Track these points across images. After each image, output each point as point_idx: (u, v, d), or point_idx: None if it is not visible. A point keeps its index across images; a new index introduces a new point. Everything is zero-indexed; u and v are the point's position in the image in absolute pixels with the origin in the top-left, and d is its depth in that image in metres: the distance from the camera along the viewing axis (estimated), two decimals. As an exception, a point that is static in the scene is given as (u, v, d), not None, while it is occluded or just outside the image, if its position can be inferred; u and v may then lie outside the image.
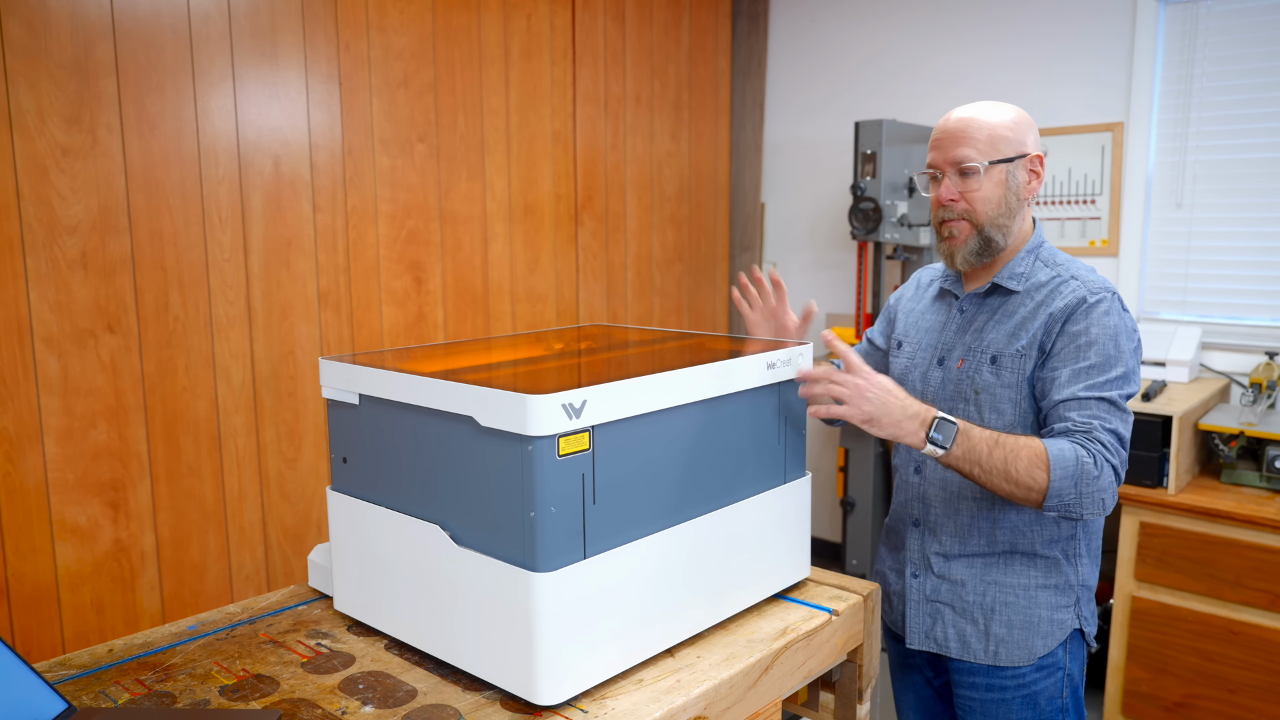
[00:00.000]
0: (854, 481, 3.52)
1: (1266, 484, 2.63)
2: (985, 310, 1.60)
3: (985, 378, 1.55)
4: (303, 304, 2.67)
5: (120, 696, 1.19)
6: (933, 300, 1.72)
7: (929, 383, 1.64)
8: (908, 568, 1.66)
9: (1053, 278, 1.55)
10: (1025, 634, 1.56)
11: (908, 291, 1.81)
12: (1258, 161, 3.05)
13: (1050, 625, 1.56)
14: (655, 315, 3.88)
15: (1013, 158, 1.54)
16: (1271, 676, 2.47)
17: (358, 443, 1.35)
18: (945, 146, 1.55)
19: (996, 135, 1.53)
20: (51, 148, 2.17)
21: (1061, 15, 3.39)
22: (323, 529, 2.75)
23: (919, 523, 1.65)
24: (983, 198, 1.54)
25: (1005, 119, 1.54)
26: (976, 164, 1.52)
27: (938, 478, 1.61)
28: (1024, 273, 1.57)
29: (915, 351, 1.69)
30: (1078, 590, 1.58)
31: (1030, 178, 1.56)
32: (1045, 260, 1.59)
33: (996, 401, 1.54)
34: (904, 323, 1.76)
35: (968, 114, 1.56)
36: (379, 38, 2.78)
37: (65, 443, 2.23)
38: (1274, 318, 3.06)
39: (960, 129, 1.55)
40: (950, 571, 1.61)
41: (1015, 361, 1.53)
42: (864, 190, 3.36)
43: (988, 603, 1.57)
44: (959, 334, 1.62)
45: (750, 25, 4.11)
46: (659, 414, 1.23)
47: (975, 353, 1.58)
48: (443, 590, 1.23)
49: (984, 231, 1.55)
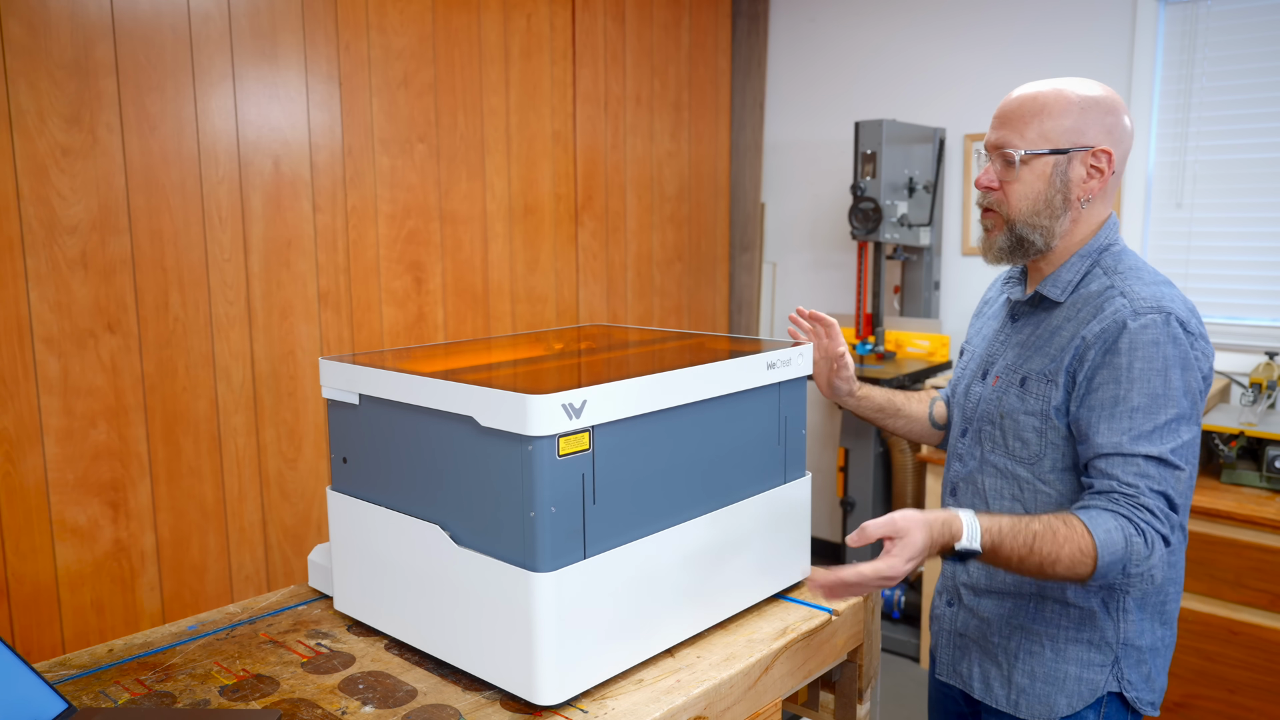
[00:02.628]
0: (854, 481, 3.52)
1: (1266, 484, 2.63)
2: (1031, 322, 1.43)
3: (1011, 401, 1.40)
4: (303, 304, 2.67)
5: (120, 696, 1.19)
6: (1001, 303, 1.54)
7: (969, 399, 1.50)
8: (944, 594, 1.55)
9: (1104, 290, 1.33)
10: (1047, 688, 1.40)
11: (991, 292, 1.64)
12: (1258, 161, 3.05)
13: (1078, 684, 1.38)
14: (655, 315, 3.88)
15: (1066, 149, 1.33)
16: (1271, 676, 2.47)
17: (358, 443, 1.35)
18: (995, 125, 1.38)
19: (1051, 121, 1.33)
20: (51, 148, 2.17)
21: (1061, 15, 3.39)
22: (323, 529, 2.75)
23: None
24: (1017, 191, 1.36)
25: (1072, 101, 1.33)
26: (1014, 153, 1.35)
27: (969, 503, 1.48)
28: (1072, 281, 1.37)
29: (969, 361, 1.55)
30: (1118, 649, 1.37)
31: (1090, 174, 1.35)
32: (1106, 268, 1.36)
33: (1020, 429, 1.38)
34: (974, 326, 1.61)
35: (1030, 91, 1.36)
36: (379, 38, 2.78)
37: (65, 443, 2.23)
38: (1274, 318, 3.05)
39: (1014, 108, 1.36)
40: (979, 607, 1.47)
41: (1041, 387, 1.36)
42: (864, 190, 3.36)
43: (1012, 648, 1.43)
44: (1004, 345, 1.46)
45: (750, 25, 4.11)
46: (659, 414, 1.23)
47: (1009, 371, 1.42)
48: (443, 590, 1.23)
49: (1015, 229, 1.38)
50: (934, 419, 1.72)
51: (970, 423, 1.49)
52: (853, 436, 3.51)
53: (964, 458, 1.50)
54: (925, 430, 1.73)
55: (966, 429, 1.51)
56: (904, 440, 3.42)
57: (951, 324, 3.73)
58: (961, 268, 3.71)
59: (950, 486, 1.53)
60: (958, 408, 1.54)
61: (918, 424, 1.72)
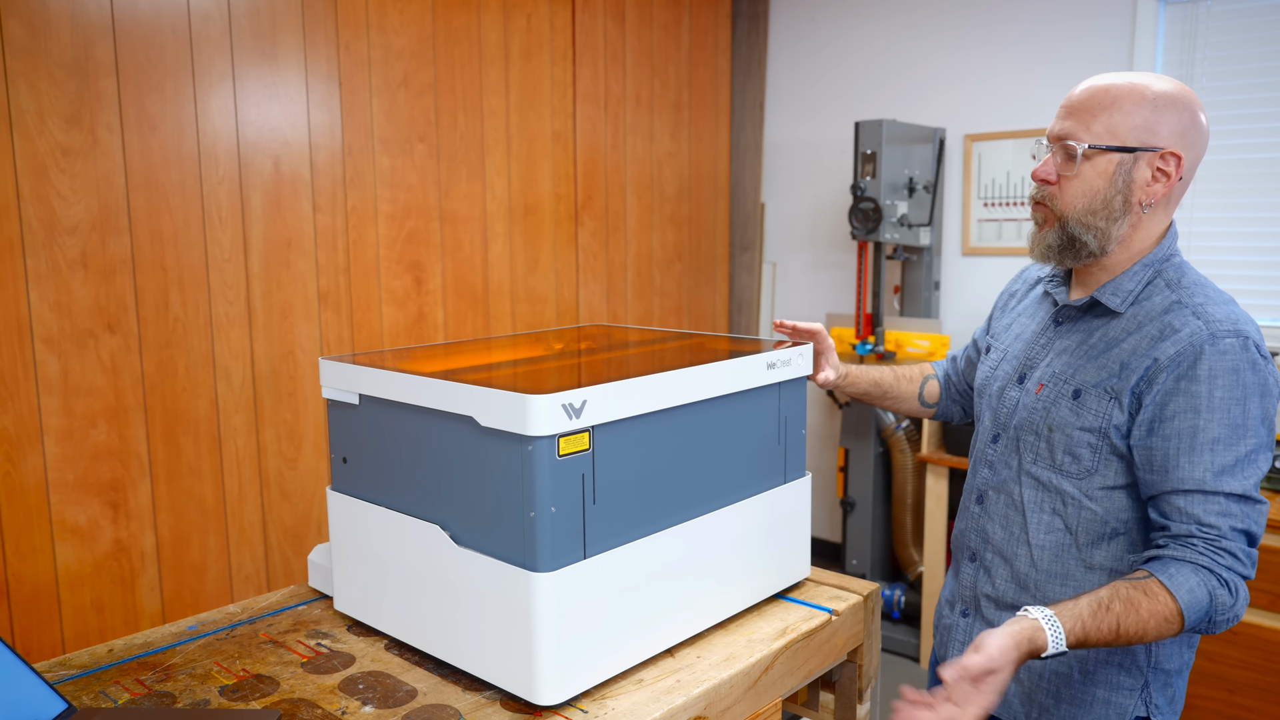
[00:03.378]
0: (854, 481, 3.52)
1: (1267, 484, 2.63)
2: (1081, 329, 1.35)
3: (1062, 414, 1.31)
4: (303, 304, 2.67)
5: (120, 696, 1.19)
6: (1036, 301, 1.46)
7: (1004, 403, 1.42)
8: (959, 604, 1.49)
9: (1171, 305, 1.26)
10: (1073, 710, 1.34)
11: (1018, 285, 1.56)
12: (1258, 161, 3.05)
13: (1106, 708, 1.33)
14: (655, 315, 3.88)
15: (1133, 148, 1.25)
16: (1271, 676, 2.47)
17: (358, 443, 1.35)
18: (1061, 115, 1.30)
19: (1121, 116, 1.24)
20: (51, 148, 2.17)
21: (1061, 15, 3.39)
22: (323, 529, 2.75)
23: (975, 557, 1.46)
24: (1074, 187, 1.28)
25: (1147, 98, 1.25)
26: (1076, 145, 1.26)
27: (1000, 514, 1.41)
28: (1134, 290, 1.29)
29: (1000, 361, 1.46)
30: (1148, 673, 1.32)
31: (1156, 177, 1.26)
32: (1169, 280, 1.29)
33: (1072, 445, 1.30)
34: (1000, 321, 1.53)
35: (1103, 83, 1.27)
36: (379, 38, 2.78)
37: (65, 443, 2.23)
38: (1274, 318, 3.05)
39: (1084, 99, 1.28)
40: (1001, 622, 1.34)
41: (1101, 403, 1.27)
42: (864, 190, 3.36)
43: (1037, 666, 1.37)
44: (1045, 350, 1.38)
45: (750, 25, 4.11)
46: (659, 414, 1.23)
47: (1058, 380, 1.33)
48: (443, 590, 1.23)
49: (1068, 227, 1.29)
50: (924, 399, 1.70)
51: (1005, 429, 1.41)
52: (853, 436, 3.51)
53: (995, 465, 1.43)
54: (914, 409, 1.72)
55: (999, 434, 1.43)
56: (904, 440, 3.42)
57: (952, 324, 3.73)
58: (961, 268, 3.71)
59: (976, 494, 1.46)
60: (988, 410, 1.46)
61: (906, 403, 1.71)
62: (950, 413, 1.74)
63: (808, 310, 4.10)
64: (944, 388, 1.72)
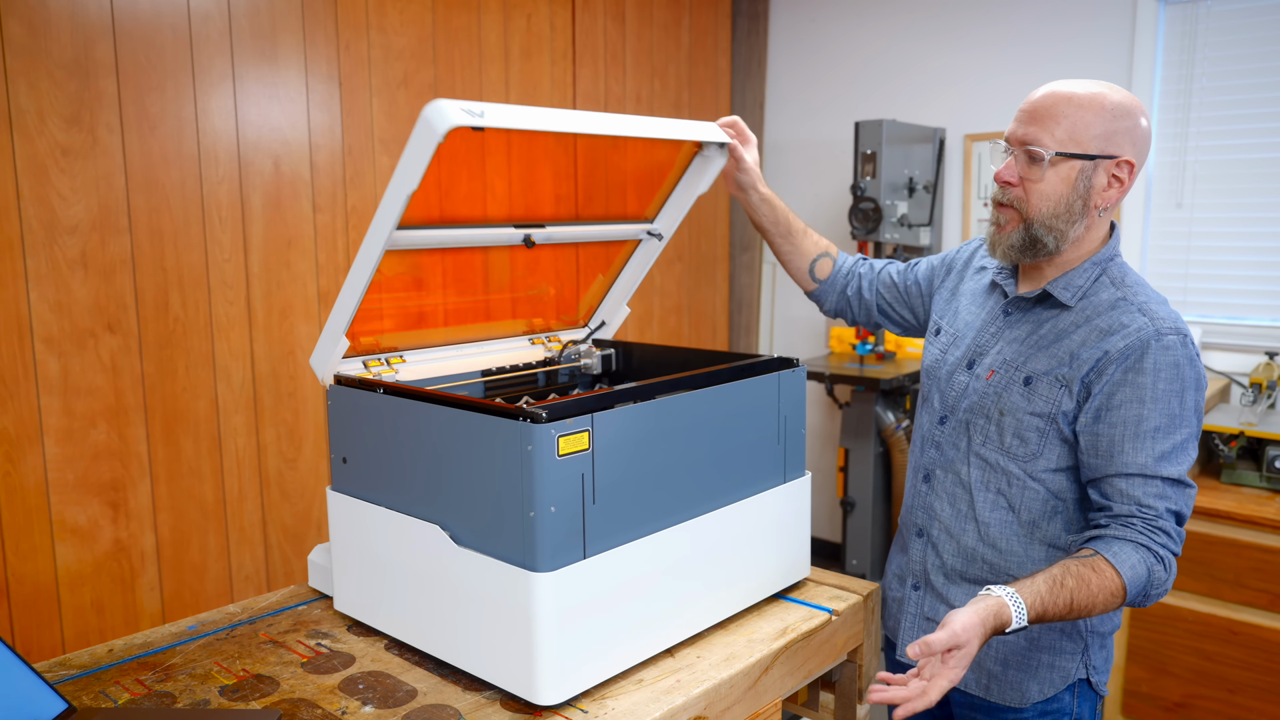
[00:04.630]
0: (854, 481, 3.52)
1: (1266, 484, 2.63)
2: (1031, 320, 1.42)
3: (1014, 399, 1.38)
4: (303, 304, 2.67)
5: (120, 696, 1.19)
6: (984, 290, 1.53)
7: (953, 387, 1.48)
8: (909, 578, 1.55)
9: (1117, 302, 1.35)
10: (1020, 675, 1.42)
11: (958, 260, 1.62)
12: (1258, 161, 3.05)
13: (1050, 671, 1.42)
14: (655, 315, 3.87)
15: (1094, 156, 1.31)
16: (1271, 676, 2.47)
17: (358, 443, 1.35)
18: (1022, 120, 1.35)
19: (1083, 124, 1.31)
20: (51, 148, 2.17)
21: (1061, 15, 3.39)
22: (323, 529, 2.75)
23: (923, 533, 1.52)
24: (1041, 191, 1.33)
25: (1105, 107, 1.31)
26: (1043, 152, 1.32)
27: (947, 491, 1.48)
28: (1083, 286, 1.38)
29: (949, 345, 1.52)
30: (1087, 636, 1.42)
31: (1111, 183, 1.34)
32: (1113, 278, 1.38)
33: (1021, 428, 1.38)
34: (948, 303, 1.58)
35: (1063, 90, 1.33)
36: (379, 38, 2.78)
37: (65, 443, 2.23)
38: (1274, 318, 3.05)
39: (1045, 106, 1.33)
40: (950, 595, 1.47)
41: (1052, 390, 1.35)
42: (864, 190, 3.36)
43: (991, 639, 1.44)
44: (996, 338, 1.45)
45: (750, 25, 4.11)
46: (659, 414, 1.23)
47: (1010, 367, 1.40)
48: (443, 590, 1.23)
49: (1032, 229, 1.35)
50: (813, 273, 1.72)
51: (953, 412, 1.47)
52: (853, 436, 3.51)
53: (943, 446, 1.48)
54: (800, 275, 1.73)
55: (947, 416, 1.48)
56: (904, 440, 3.42)
57: (951, 324, 3.72)
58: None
59: (924, 472, 1.52)
60: (937, 392, 1.51)
61: (797, 260, 1.71)
62: (828, 301, 1.74)
63: (808, 310, 4.10)
64: (842, 279, 1.71)
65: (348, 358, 1.41)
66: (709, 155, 1.59)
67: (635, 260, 1.72)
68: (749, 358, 1.45)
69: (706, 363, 1.47)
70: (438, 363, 1.53)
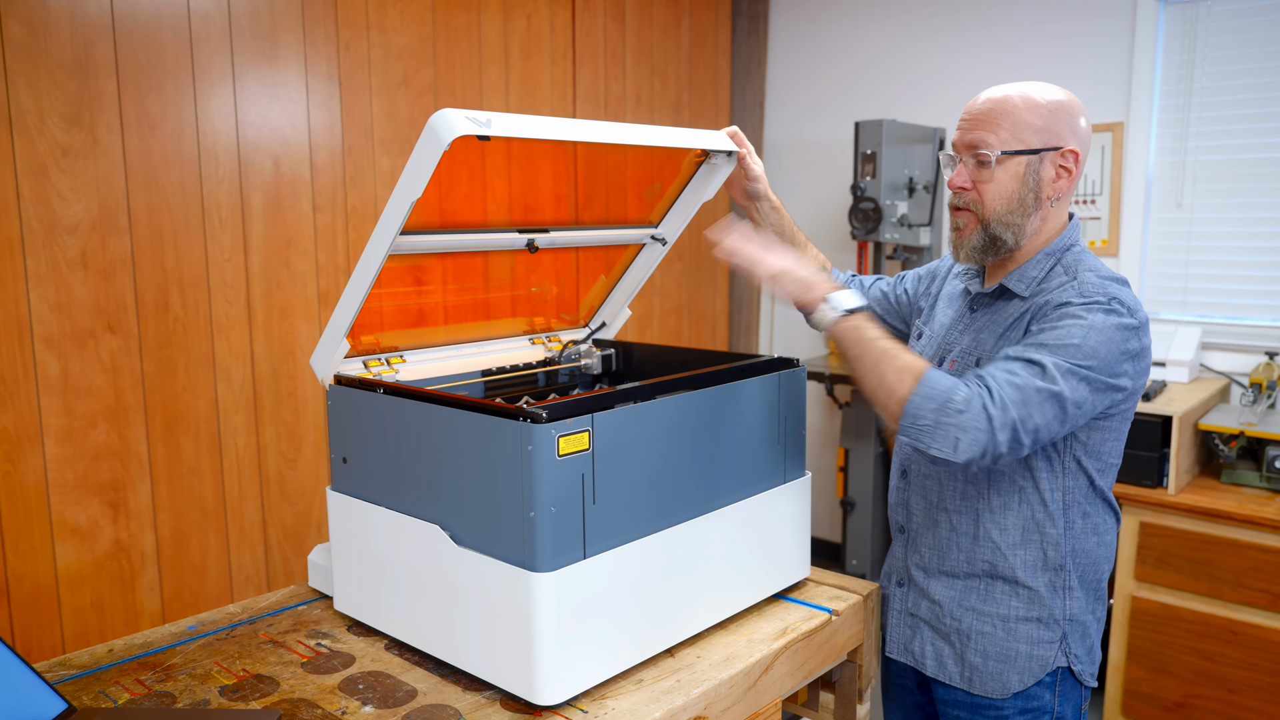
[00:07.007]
0: (854, 481, 3.52)
1: (1266, 484, 2.63)
2: (990, 312, 1.49)
3: None
4: (303, 304, 2.67)
5: (120, 696, 1.19)
6: (959, 293, 1.60)
7: None
8: (894, 575, 1.59)
9: (1064, 285, 1.39)
10: (1000, 666, 1.45)
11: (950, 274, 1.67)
12: (1258, 161, 3.05)
13: (1029, 660, 1.44)
14: (655, 315, 3.87)
15: (1038, 150, 1.38)
16: (1271, 676, 2.47)
17: (358, 443, 1.35)
18: (965, 128, 1.42)
19: (1023, 122, 1.37)
20: (51, 148, 2.17)
21: (1061, 15, 3.39)
22: (323, 529, 2.75)
23: (903, 530, 1.56)
24: (993, 191, 1.39)
25: (1040, 104, 1.38)
26: (989, 153, 1.38)
27: (919, 484, 1.52)
28: (1037, 277, 1.42)
29: (925, 346, 1.59)
30: (1064, 625, 1.44)
31: (1059, 174, 1.39)
32: (1066, 267, 1.42)
33: None
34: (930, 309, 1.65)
35: (999, 94, 1.40)
36: (379, 38, 2.78)
37: (65, 443, 2.23)
38: (1274, 318, 3.05)
39: (985, 110, 1.40)
40: (930, 589, 1.50)
41: None
42: (864, 190, 3.36)
43: (964, 628, 1.47)
44: (962, 334, 1.52)
45: (750, 25, 4.11)
46: (659, 414, 1.23)
47: (965, 354, 1.47)
48: (443, 590, 1.23)
49: (989, 228, 1.41)
50: None
51: None
52: (853, 436, 3.51)
53: None
54: None
55: None
56: (904, 440, 3.42)
57: (951, 324, 3.72)
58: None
59: (901, 469, 1.56)
60: None
61: None
62: None
63: (808, 310, 4.10)
64: None
65: (348, 358, 1.41)
66: (716, 163, 1.60)
67: (638, 264, 1.73)
68: (749, 358, 1.46)
69: (707, 363, 1.47)
70: (438, 363, 1.53)
